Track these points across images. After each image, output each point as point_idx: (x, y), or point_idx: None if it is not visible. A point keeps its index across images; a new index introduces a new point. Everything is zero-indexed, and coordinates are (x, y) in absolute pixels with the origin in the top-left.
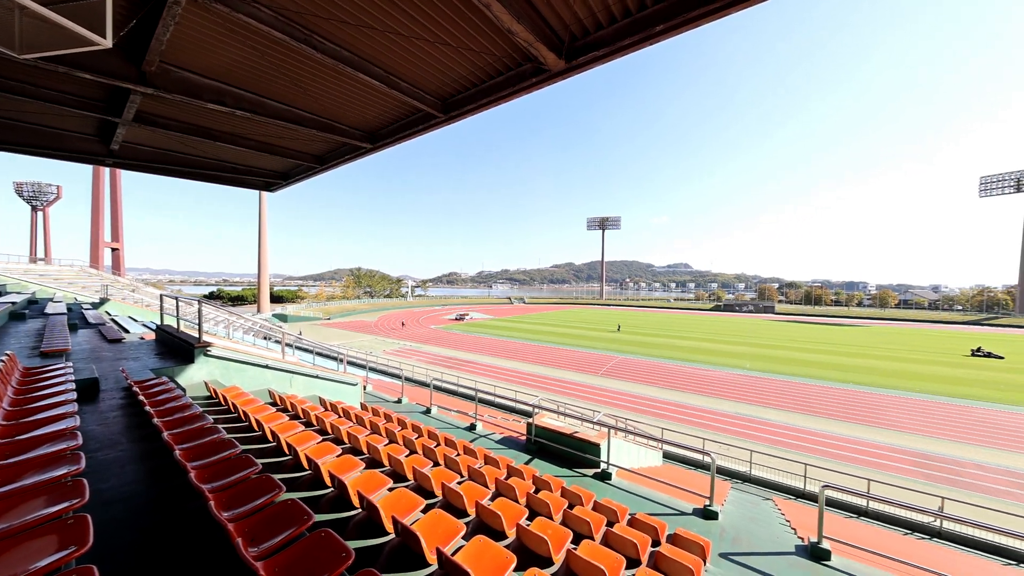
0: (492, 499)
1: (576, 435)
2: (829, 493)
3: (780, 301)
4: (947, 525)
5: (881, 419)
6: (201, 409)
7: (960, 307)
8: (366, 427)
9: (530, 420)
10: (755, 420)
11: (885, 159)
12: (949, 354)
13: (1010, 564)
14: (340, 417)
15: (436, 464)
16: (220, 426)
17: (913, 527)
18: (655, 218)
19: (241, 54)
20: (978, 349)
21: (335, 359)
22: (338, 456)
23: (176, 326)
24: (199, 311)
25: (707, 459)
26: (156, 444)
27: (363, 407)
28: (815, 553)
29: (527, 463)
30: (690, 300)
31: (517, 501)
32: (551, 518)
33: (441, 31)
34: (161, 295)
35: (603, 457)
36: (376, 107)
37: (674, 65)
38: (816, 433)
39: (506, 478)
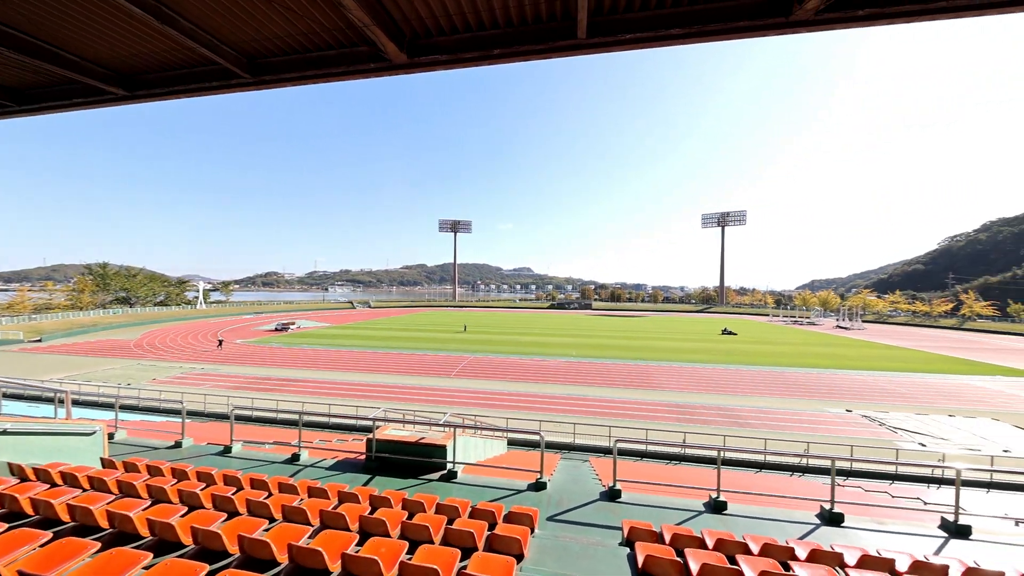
0: (313, 536)
1: (422, 441)
2: (620, 445)
3: (596, 299)
4: (688, 451)
5: (656, 383)
6: None
7: (693, 300)
8: (111, 491)
9: (370, 436)
10: (579, 398)
11: (651, 199)
12: (707, 334)
13: (730, 468)
14: (55, 487)
15: (233, 515)
16: None
17: (671, 456)
18: (502, 224)
19: None
20: (724, 329)
21: (47, 400)
22: (43, 546)
23: None
24: None
25: (538, 438)
26: None
27: (107, 464)
28: (611, 495)
29: (366, 483)
30: (532, 300)
31: (348, 528)
32: (388, 535)
33: None
34: None
35: (449, 458)
36: (136, 43)
37: (521, 86)
38: (617, 401)
39: (336, 506)
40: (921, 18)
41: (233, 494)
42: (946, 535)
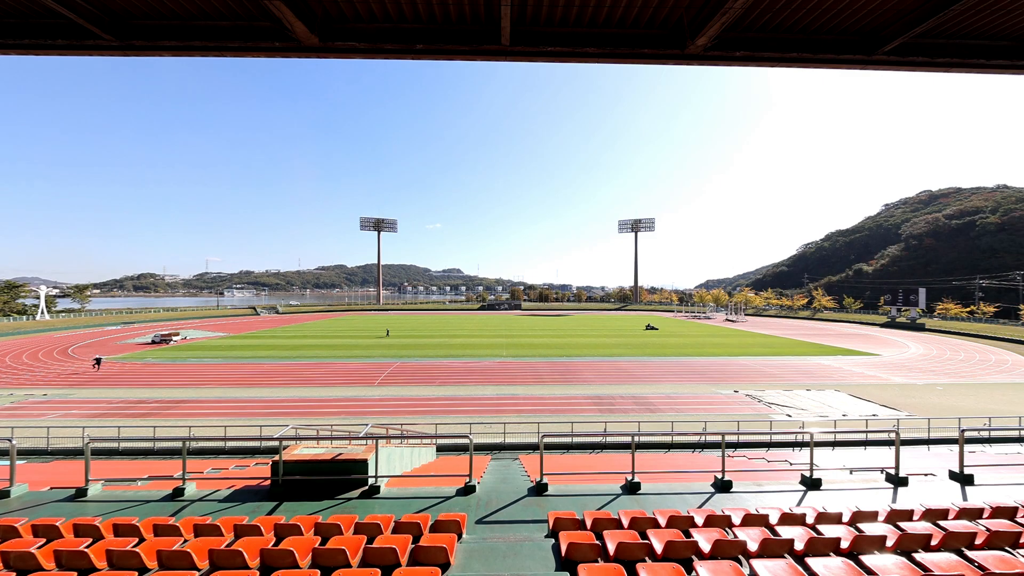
0: None
1: (339, 458)
2: (547, 440)
3: (525, 300)
4: (609, 439)
5: (580, 378)
6: None
7: (613, 299)
8: None
9: (276, 458)
10: (509, 397)
11: (577, 204)
12: (625, 330)
13: (644, 452)
14: None
15: (88, 573)
16: None
17: (594, 446)
18: (430, 224)
19: None
20: (648, 325)
21: None
22: None
23: None
24: None
25: (467, 441)
26: None
27: None
28: (539, 489)
29: (272, 511)
30: (462, 302)
31: (246, 566)
32: (296, 566)
33: None
34: None
35: (371, 472)
36: None
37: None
38: (546, 398)
39: (231, 543)
40: (782, 64)
41: (88, 546)
42: (804, 488)
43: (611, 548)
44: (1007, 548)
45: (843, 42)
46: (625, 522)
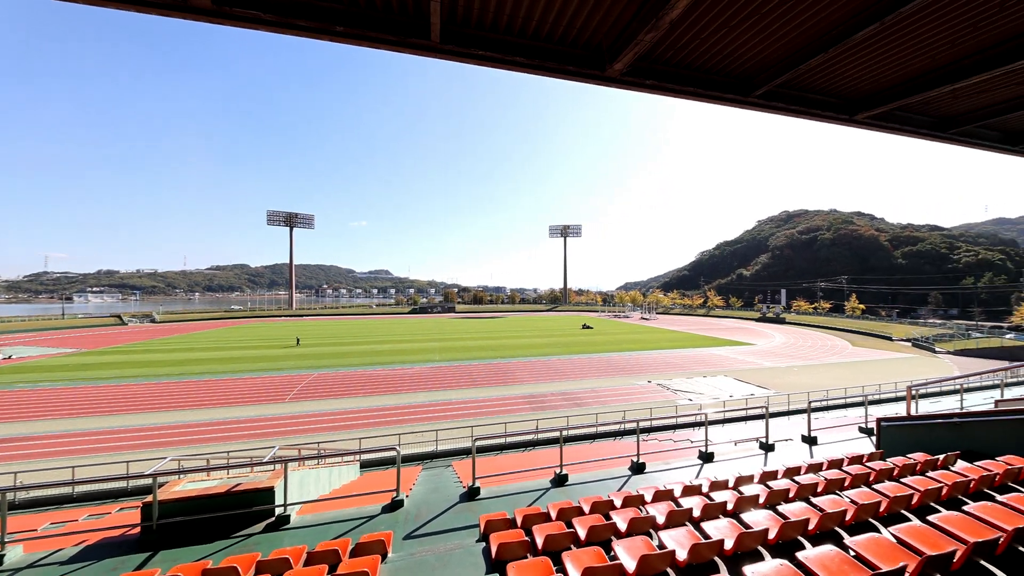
0: None
1: (236, 489)
2: (479, 444)
3: (459, 302)
4: (541, 436)
5: (514, 379)
6: None
7: (544, 301)
8: None
9: (148, 499)
10: (442, 403)
11: (511, 208)
12: (557, 330)
13: (572, 444)
14: None
15: None
16: None
17: (526, 444)
18: (354, 222)
19: None
20: (584, 325)
21: None
22: None
23: None
24: None
25: (395, 454)
26: None
27: None
28: (471, 494)
29: (142, 565)
30: (391, 305)
31: None
32: None
33: None
34: None
35: (279, 501)
36: None
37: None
38: (481, 400)
39: None
40: (682, 96)
41: None
42: (701, 462)
43: (539, 542)
44: (837, 491)
45: (728, 83)
46: (553, 514)
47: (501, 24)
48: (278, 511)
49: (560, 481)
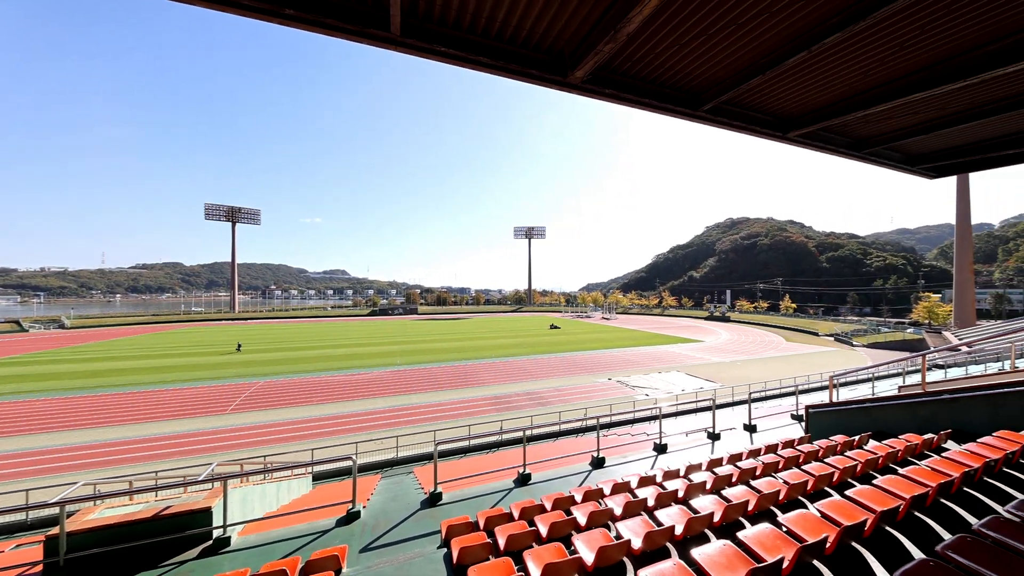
0: None
1: (166, 512)
2: (442, 447)
3: (422, 304)
4: (505, 436)
5: (478, 380)
6: None
7: (509, 301)
8: None
9: (54, 530)
10: (404, 408)
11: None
12: (543, 329)
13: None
14: None
15: None
16: None
17: (490, 445)
18: (307, 218)
19: None
20: (552, 325)
21: None
22: None
23: None
24: None
25: (351, 463)
26: None
27: None
28: (432, 500)
29: None
30: (348, 307)
31: None
32: None
33: None
34: None
35: (218, 522)
36: None
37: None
38: (444, 403)
39: None
40: (638, 106)
41: None
42: (656, 453)
43: (502, 543)
44: (772, 474)
45: (680, 97)
46: (516, 514)
47: (464, 23)
48: (216, 533)
49: (523, 480)
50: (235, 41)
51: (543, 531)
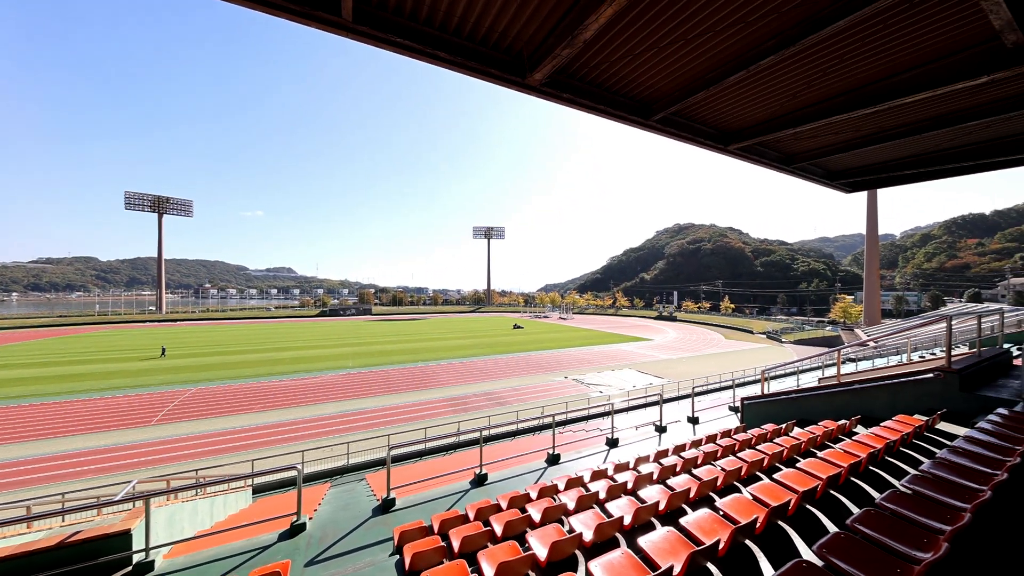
0: None
1: (74, 539)
2: (396, 452)
3: (376, 304)
4: (462, 438)
5: (436, 382)
6: None
7: (468, 302)
8: None
9: None
10: (356, 412)
11: (432, 207)
12: (502, 329)
13: (493, 443)
14: None
15: None
16: None
17: (447, 447)
18: (247, 212)
19: None
20: (515, 325)
21: None
22: None
23: None
24: None
25: (295, 474)
26: None
27: None
28: (385, 506)
29: None
30: (295, 307)
31: None
32: None
33: None
34: None
35: (139, 545)
36: None
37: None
38: (399, 406)
39: None
40: (593, 112)
41: None
42: (608, 448)
43: (456, 546)
44: (711, 462)
45: (633, 106)
46: (472, 515)
47: (421, 14)
48: (137, 558)
49: (480, 481)
50: (161, 14)
51: (498, 530)
